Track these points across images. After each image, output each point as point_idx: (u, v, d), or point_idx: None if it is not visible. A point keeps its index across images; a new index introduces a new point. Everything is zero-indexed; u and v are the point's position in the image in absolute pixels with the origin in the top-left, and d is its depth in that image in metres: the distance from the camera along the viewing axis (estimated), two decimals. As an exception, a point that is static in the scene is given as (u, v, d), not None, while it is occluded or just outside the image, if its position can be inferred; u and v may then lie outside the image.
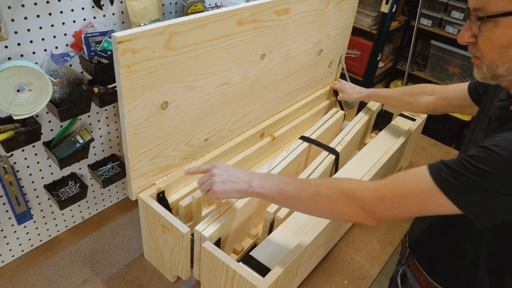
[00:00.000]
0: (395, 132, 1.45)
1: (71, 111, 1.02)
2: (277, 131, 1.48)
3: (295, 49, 1.39)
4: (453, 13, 2.82)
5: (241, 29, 1.10)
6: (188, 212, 1.13)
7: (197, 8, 1.26)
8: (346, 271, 1.21)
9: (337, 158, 1.34)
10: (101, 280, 1.13)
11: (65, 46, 1.04)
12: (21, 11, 0.91)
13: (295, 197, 0.87)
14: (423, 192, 0.72)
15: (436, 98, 1.26)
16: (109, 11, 1.10)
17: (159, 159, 1.07)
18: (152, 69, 0.92)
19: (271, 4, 1.16)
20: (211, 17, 0.99)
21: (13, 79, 0.89)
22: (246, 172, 0.97)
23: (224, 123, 1.24)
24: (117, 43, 0.82)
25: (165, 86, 0.98)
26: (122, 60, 0.85)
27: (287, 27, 1.28)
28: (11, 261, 1.17)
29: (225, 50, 1.09)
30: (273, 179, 0.92)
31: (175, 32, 0.93)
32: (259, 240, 1.19)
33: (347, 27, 1.64)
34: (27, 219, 1.13)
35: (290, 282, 1.02)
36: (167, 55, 0.94)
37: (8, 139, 0.95)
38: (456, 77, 2.94)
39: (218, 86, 1.14)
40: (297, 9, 1.28)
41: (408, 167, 1.66)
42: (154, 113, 0.99)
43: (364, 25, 2.98)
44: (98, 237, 1.27)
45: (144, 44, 0.87)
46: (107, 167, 1.25)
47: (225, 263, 0.90)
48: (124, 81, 0.88)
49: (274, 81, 1.37)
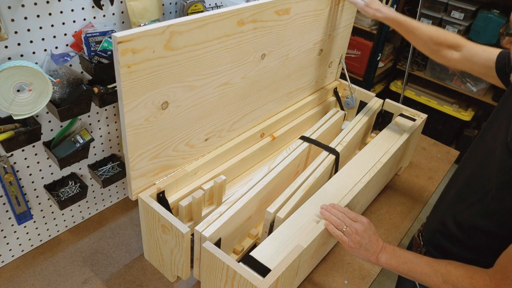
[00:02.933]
0: (395, 132, 1.45)
1: (71, 111, 1.02)
2: (277, 131, 1.48)
3: (295, 49, 1.39)
4: (453, 13, 2.82)
5: (242, 29, 1.10)
6: (188, 212, 1.13)
7: (197, 8, 1.26)
8: (346, 271, 1.21)
9: (337, 158, 1.34)
10: (101, 280, 1.13)
11: (65, 46, 1.04)
12: (21, 11, 0.91)
13: (419, 280, 0.92)
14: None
15: (461, 56, 1.17)
16: (109, 11, 1.10)
17: (159, 159, 1.07)
18: (152, 69, 0.92)
19: (272, 4, 1.16)
20: (212, 17, 0.99)
21: (13, 79, 0.89)
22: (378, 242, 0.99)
23: (224, 123, 1.24)
24: (117, 43, 0.82)
25: (165, 86, 0.98)
26: (122, 60, 0.85)
27: (287, 27, 1.28)
28: (11, 261, 1.17)
29: (226, 50, 1.09)
30: (400, 257, 0.95)
31: (175, 32, 0.92)
32: (259, 240, 1.19)
33: (347, 27, 1.64)
34: (27, 219, 1.13)
35: (290, 282, 1.02)
36: (167, 55, 0.94)
37: (8, 139, 0.95)
38: (456, 77, 2.95)
39: (218, 86, 1.14)
40: (297, 9, 1.28)
41: (408, 167, 1.67)
42: (154, 113, 0.99)
43: (364, 25, 2.98)
44: (98, 237, 1.27)
45: (144, 44, 0.87)
46: (107, 167, 1.25)
47: (225, 263, 0.90)
48: (124, 81, 0.88)
49: (274, 81, 1.37)
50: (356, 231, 0.99)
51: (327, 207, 1.06)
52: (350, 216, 1.03)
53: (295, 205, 1.14)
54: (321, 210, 1.05)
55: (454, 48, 1.18)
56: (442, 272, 0.88)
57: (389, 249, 0.98)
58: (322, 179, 1.28)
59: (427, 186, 1.58)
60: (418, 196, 1.52)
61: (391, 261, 0.96)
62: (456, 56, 1.18)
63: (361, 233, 0.99)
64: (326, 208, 1.05)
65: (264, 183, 1.17)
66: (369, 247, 0.98)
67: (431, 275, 0.89)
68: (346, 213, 1.04)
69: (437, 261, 0.91)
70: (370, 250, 0.98)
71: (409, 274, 0.93)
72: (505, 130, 0.85)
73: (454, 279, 0.86)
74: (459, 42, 1.18)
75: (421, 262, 0.92)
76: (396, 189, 1.55)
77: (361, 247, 0.98)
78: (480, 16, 2.69)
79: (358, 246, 0.98)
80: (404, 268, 0.94)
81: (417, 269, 0.91)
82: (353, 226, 1.00)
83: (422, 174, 1.64)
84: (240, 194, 1.13)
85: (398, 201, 1.49)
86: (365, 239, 0.98)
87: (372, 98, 1.66)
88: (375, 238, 0.99)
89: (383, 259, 0.96)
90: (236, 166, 1.31)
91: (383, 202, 1.06)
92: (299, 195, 1.17)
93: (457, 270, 0.87)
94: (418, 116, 1.56)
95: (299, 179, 1.22)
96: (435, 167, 1.69)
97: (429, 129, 3.10)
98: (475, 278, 0.84)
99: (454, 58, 1.19)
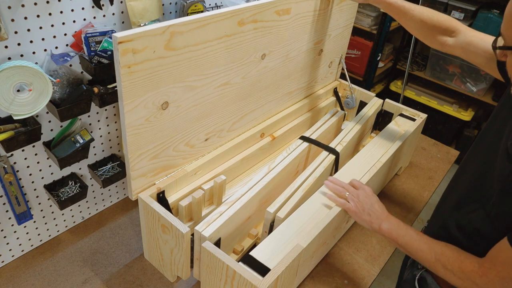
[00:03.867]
0: (395, 132, 1.45)
1: (71, 111, 1.02)
2: (277, 131, 1.48)
3: (296, 49, 1.39)
4: (453, 13, 2.82)
5: (242, 29, 1.10)
6: (188, 212, 1.13)
7: (197, 8, 1.26)
8: (346, 271, 1.21)
9: (337, 158, 1.34)
10: (101, 280, 1.13)
11: (65, 46, 1.04)
12: (21, 11, 0.91)
13: (414, 255, 0.95)
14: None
15: (455, 42, 1.10)
16: (109, 11, 1.10)
17: (159, 159, 1.07)
18: (152, 69, 0.92)
19: (272, 4, 1.16)
20: (212, 17, 0.99)
21: (13, 79, 0.89)
22: (383, 211, 1.04)
23: (224, 123, 1.24)
24: (118, 43, 0.82)
25: (166, 86, 0.98)
26: (122, 60, 0.85)
27: (287, 27, 1.28)
28: (11, 261, 1.17)
29: (226, 50, 1.09)
30: (402, 230, 0.98)
31: (176, 32, 0.92)
32: (259, 240, 1.19)
33: (348, 27, 1.64)
34: (27, 219, 1.13)
35: (290, 282, 1.02)
36: (167, 55, 0.94)
37: (8, 139, 0.95)
38: (456, 77, 2.95)
39: (219, 86, 1.14)
40: (298, 9, 1.28)
41: (408, 167, 1.67)
42: (155, 113, 0.99)
43: (364, 25, 2.98)
44: (98, 237, 1.27)
45: (145, 45, 0.87)
46: (107, 167, 1.25)
47: (225, 263, 0.90)
48: (124, 81, 0.88)
49: (274, 81, 1.37)
50: (358, 196, 1.05)
51: (332, 179, 1.13)
52: (354, 183, 1.10)
53: (295, 205, 1.14)
54: (325, 181, 1.12)
55: (448, 34, 1.11)
56: (437, 252, 0.91)
57: (394, 221, 1.01)
58: (322, 179, 1.28)
59: (427, 186, 1.58)
60: (418, 196, 1.52)
61: (392, 231, 0.99)
62: (451, 42, 1.11)
63: (363, 198, 1.05)
64: (330, 180, 1.12)
65: (264, 183, 1.17)
66: (372, 212, 1.03)
67: (426, 252, 0.92)
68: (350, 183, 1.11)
69: (436, 242, 0.93)
70: (373, 215, 1.02)
71: (406, 247, 0.96)
72: (506, 134, 0.85)
73: (445, 260, 0.89)
74: (454, 27, 1.10)
75: (421, 239, 0.95)
76: (396, 189, 1.55)
77: (364, 212, 1.03)
78: (480, 16, 2.69)
79: (361, 210, 1.03)
80: (403, 241, 0.96)
81: (414, 245, 0.94)
82: (355, 192, 1.06)
83: (422, 174, 1.64)
84: (240, 194, 1.13)
85: (398, 201, 1.49)
86: (367, 204, 1.04)
87: (372, 98, 1.66)
88: (378, 206, 1.04)
89: (385, 227, 1.00)
90: (236, 166, 1.31)
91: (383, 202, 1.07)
92: (299, 195, 1.17)
93: (451, 252, 0.89)
94: (418, 116, 1.56)
95: (299, 179, 1.22)
96: (435, 167, 1.69)
97: (429, 129, 3.10)
98: (465, 263, 0.86)
99: (448, 44, 1.12)
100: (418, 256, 0.94)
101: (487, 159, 0.90)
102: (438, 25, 1.12)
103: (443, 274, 0.90)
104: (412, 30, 1.20)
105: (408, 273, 1.12)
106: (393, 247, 1.31)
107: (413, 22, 1.16)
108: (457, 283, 0.88)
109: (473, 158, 0.98)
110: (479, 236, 0.89)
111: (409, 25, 1.18)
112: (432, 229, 1.07)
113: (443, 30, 1.12)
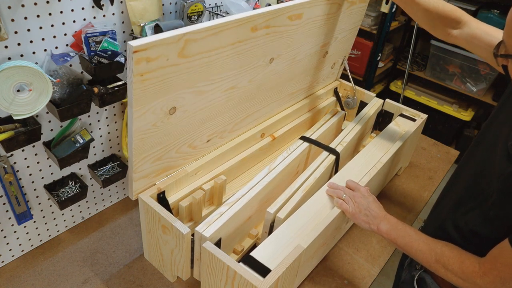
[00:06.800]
0: (395, 132, 1.45)
1: (71, 111, 1.02)
2: (277, 131, 1.48)
3: (303, 52, 1.38)
4: (453, 13, 2.82)
5: (254, 34, 1.09)
6: (188, 213, 1.13)
7: (197, 8, 1.26)
8: (346, 271, 1.21)
9: (338, 158, 1.34)
10: (101, 280, 1.13)
11: (65, 46, 1.04)
12: (21, 11, 0.91)
13: (413, 255, 0.95)
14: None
15: (459, 34, 1.11)
16: (109, 11, 1.09)
17: (162, 161, 1.07)
18: (164, 77, 0.90)
19: (286, 9, 1.14)
20: (227, 24, 0.97)
21: (13, 79, 0.89)
22: (380, 211, 1.04)
23: (227, 124, 1.24)
24: (132, 52, 0.79)
25: (176, 92, 0.97)
26: (136, 69, 0.82)
27: (297, 31, 1.27)
28: (11, 261, 1.17)
29: (237, 55, 1.08)
30: (401, 230, 0.98)
31: (190, 40, 0.91)
32: (259, 240, 1.19)
33: (354, 29, 1.62)
34: (27, 219, 1.13)
35: (291, 282, 1.02)
36: (180, 62, 0.92)
37: (8, 139, 0.94)
38: (456, 77, 2.95)
39: (226, 90, 1.13)
40: (310, 13, 1.27)
41: (408, 167, 1.67)
42: (162, 119, 0.98)
43: (364, 25, 2.98)
44: (98, 237, 1.27)
45: (159, 53, 0.85)
46: (107, 167, 1.25)
47: (225, 264, 0.90)
48: (136, 89, 0.86)
49: (278, 83, 1.36)
50: (354, 197, 1.07)
51: (330, 184, 1.16)
52: (350, 185, 1.13)
53: (296, 205, 1.14)
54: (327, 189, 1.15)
55: (453, 25, 1.11)
56: (437, 252, 0.91)
57: (392, 220, 1.01)
58: (322, 179, 1.28)
59: (427, 186, 1.58)
60: (418, 196, 1.52)
61: (391, 232, 0.99)
62: (455, 33, 1.11)
63: (359, 199, 1.07)
64: (329, 186, 1.15)
65: (264, 183, 1.17)
66: (369, 212, 1.04)
67: (426, 252, 0.92)
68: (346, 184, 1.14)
69: (435, 241, 0.93)
70: (370, 216, 1.03)
71: (405, 248, 0.96)
72: (506, 134, 0.85)
73: (446, 260, 0.89)
74: (459, 18, 1.09)
75: (420, 239, 0.95)
76: (396, 189, 1.55)
77: (360, 212, 1.04)
78: (480, 16, 2.69)
79: (358, 211, 1.05)
80: (402, 241, 0.97)
81: (414, 245, 0.94)
82: (351, 193, 1.09)
83: (422, 174, 1.64)
84: (241, 195, 1.13)
85: (398, 201, 1.49)
86: (363, 205, 1.05)
87: (372, 98, 1.66)
88: (374, 206, 1.05)
89: (384, 229, 1.00)
90: (237, 166, 1.31)
91: (383, 202, 1.07)
92: (299, 196, 1.17)
93: (451, 252, 0.89)
94: (418, 116, 1.56)
95: (299, 179, 1.22)
96: (435, 167, 1.69)
97: (429, 129, 3.10)
98: (466, 263, 0.86)
99: (453, 35, 1.12)
100: (418, 256, 0.94)
101: (486, 159, 0.90)
102: (444, 15, 1.11)
103: (444, 274, 0.89)
104: (418, 19, 1.19)
105: (406, 273, 1.12)
106: (393, 247, 1.31)
107: (419, 11, 1.15)
108: (458, 283, 0.88)
109: (472, 158, 0.98)
110: (474, 235, 0.89)
111: (415, 14, 1.17)
112: (429, 229, 1.07)
113: (448, 21, 1.11)
